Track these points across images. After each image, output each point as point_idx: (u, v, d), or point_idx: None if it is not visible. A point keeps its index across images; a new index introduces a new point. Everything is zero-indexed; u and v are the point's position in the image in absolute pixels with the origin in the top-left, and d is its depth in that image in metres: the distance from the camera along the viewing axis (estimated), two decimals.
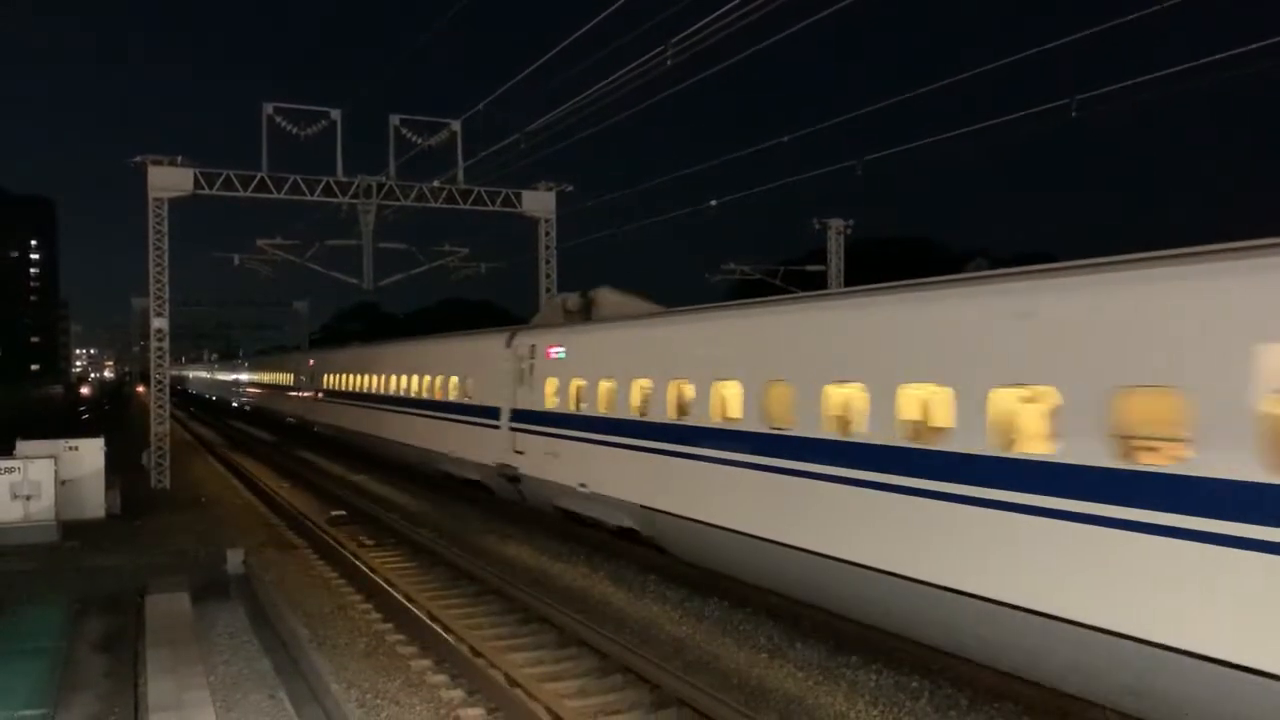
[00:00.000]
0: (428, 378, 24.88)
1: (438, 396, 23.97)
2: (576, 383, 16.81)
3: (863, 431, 10.49)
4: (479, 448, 20.93)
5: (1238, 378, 7.02)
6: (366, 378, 30.77)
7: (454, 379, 22.96)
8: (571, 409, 16.84)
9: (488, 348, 21.06)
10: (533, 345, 18.60)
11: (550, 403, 17.75)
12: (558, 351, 17.73)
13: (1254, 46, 12.41)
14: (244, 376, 65.70)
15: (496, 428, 19.86)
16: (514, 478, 19.09)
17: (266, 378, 54.81)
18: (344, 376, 34.04)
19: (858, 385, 10.60)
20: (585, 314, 19.00)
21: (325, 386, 37.15)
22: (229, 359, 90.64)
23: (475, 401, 21.35)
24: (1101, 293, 8.17)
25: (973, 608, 8.97)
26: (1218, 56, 12.96)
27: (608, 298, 18.82)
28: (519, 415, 18.90)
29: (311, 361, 41.12)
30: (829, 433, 10.97)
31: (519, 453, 18.82)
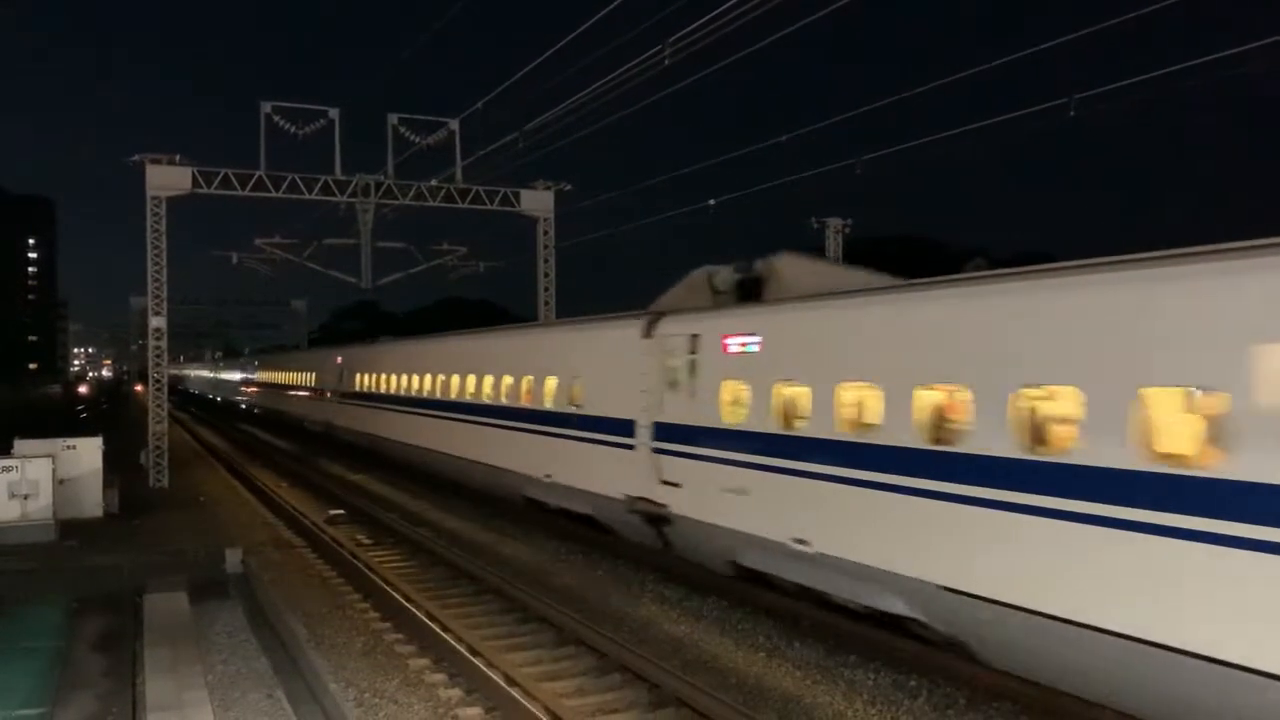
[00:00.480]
0: (507, 379, 19.86)
1: (523, 403, 18.98)
2: (786, 389, 11.94)
3: None
4: (594, 472, 16.06)
5: None
6: (419, 379, 25.66)
7: (551, 381, 17.98)
8: (776, 427, 11.93)
9: (611, 339, 16.03)
10: (694, 334, 13.56)
11: (732, 416, 12.81)
12: (745, 342, 12.64)
13: (1252, 45, 12.42)
14: (254, 376, 60.27)
15: (627, 448, 14.99)
16: (658, 518, 14.27)
17: (281, 377, 49.00)
18: (387, 378, 28.67)
19: None
20: (745, 293, 14.14)
21: (360, 389, 31.75)
22: (234, 356, 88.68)
23: (589, 411, 16.32)
24: None
25: None
26: (1215, 56, 12.97)
27: (797, 268, 13.47)
28: (668, 432, 14.07)
29: (340, 359, 35.39)
30: None
31: (669, 484, 13.95)
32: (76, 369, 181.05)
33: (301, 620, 12.73)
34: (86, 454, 20.74)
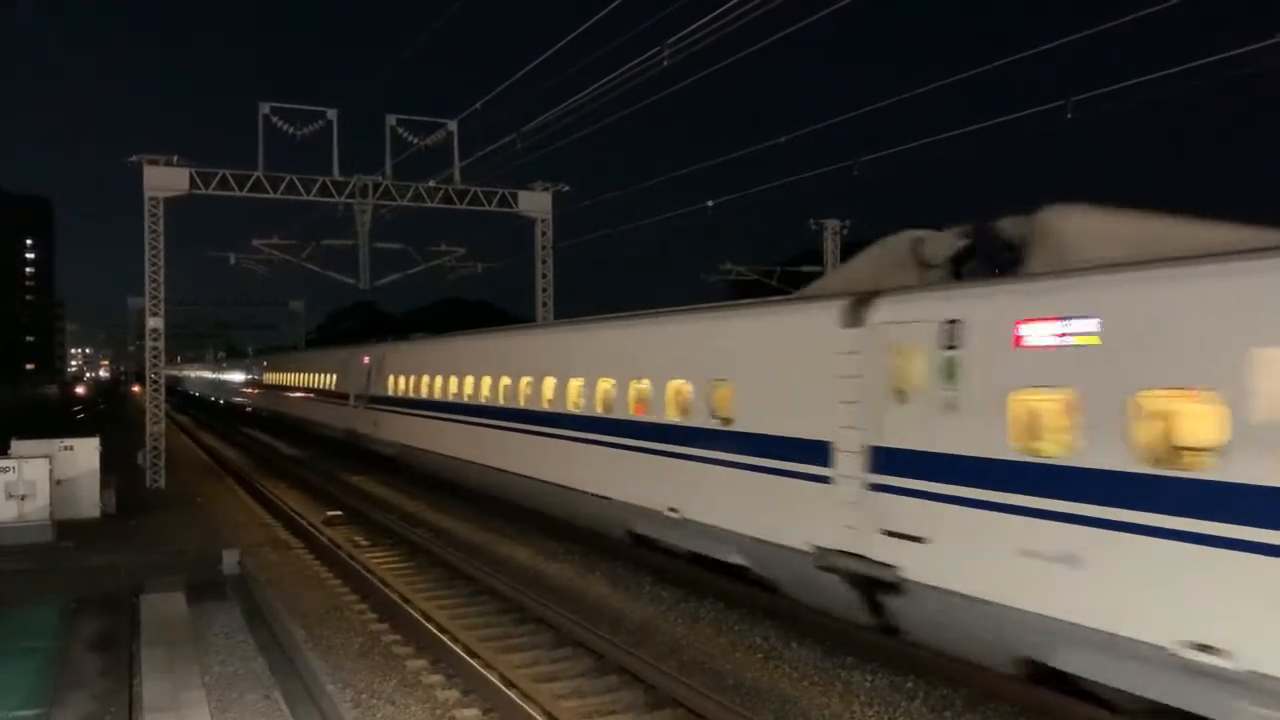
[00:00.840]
0: (606, 384, 15.95)
1: (634, 413, 15.05)
2: (1162, 402, 7.98)
3: None
4: (753, 511, 12.32)
5: None
6: (475, 383, 21.84)
7: (677, 386, 14.12)
8: (1143, 463, 7.82)
9: (784, 330, 12.28)
10: (952, 321, 9.52)
11: (1036, 443, 8.84)
12: (1066, 331, 8.53)
13: (1254, 47, 12.44)
14: (260, 378, 56.71)
15: (816, 479, 11.18)
16: (875, 582, 10.47)
17: (290, 379, 44.99)
18: (431, 380, 24.65)
19: None
20: (972, 264, 10.93)
21: (396, 393, 27.78)
22: (238, 357, 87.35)
23: (744, 427, 12.58)
24: None
25: None
26: (1216, 57, 13.00)
27: (1093, 223, 9.59)
28: (899, 462, 10.08)
29: (367, 359, 31.32)
30: None
31: (901, 537, 10.00)
32: (74, 369, 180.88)
33: (299, 621, 12.71)
34: (84, 454, 20.73)
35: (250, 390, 61.51)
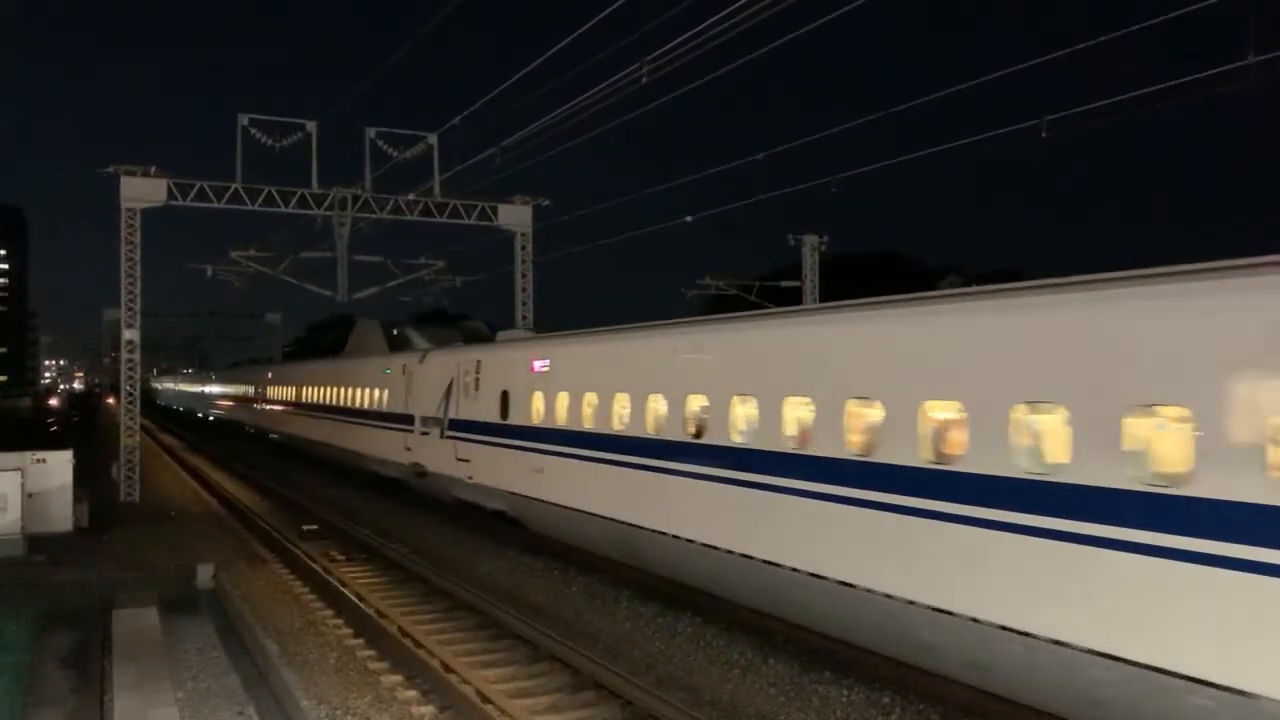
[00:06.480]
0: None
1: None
2: None
3: None
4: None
5: None
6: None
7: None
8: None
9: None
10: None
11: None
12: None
13: (1226, 68, 12.61)
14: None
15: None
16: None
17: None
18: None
19: None
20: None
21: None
22: (208, 370, 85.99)
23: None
24: None
25: None
26: (1186, 79, 13.17)
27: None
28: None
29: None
30: None
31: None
32: (47, 381, 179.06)
33: (273, 636, 12.62)
34: (56, 467, 20.46)
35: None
